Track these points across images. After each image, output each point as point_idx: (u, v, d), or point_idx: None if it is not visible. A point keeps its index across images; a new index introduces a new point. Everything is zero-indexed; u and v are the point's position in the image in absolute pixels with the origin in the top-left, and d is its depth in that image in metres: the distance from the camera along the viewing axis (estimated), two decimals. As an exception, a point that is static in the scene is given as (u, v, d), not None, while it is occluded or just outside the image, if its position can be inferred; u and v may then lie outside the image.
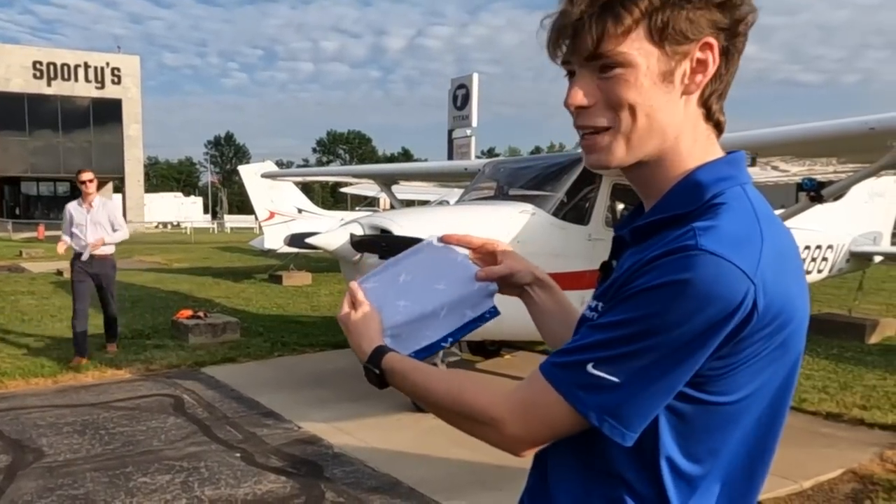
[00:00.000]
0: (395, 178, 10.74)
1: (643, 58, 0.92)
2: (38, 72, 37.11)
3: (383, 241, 5.12)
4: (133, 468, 4.45)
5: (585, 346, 0.93)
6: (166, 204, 50.52)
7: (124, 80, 39.36)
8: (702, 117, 0.99)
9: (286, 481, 4.28)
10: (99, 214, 7.09)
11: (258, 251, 17.06)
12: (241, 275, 15.77)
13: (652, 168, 1.00)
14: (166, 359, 7.26)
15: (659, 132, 0.96)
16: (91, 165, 37.81)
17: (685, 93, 0.95)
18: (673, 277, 0.87)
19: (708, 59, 0.93)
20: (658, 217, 0.99)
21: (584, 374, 0.92)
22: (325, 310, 10.80)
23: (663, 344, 0.88)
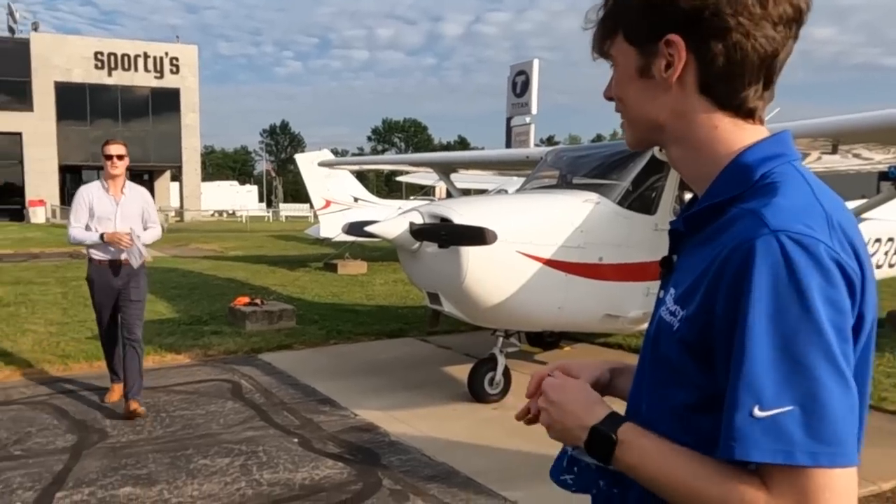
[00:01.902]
0: (454, 166, 10.75)
1: (623, 57, 1.08)
2: (99, 62, 38.44)
3: (443, 230, 5.16)
4: (193, 450, 4.61)
5: (735, 401, 0.89)
6: (222, 192, 51.79)
7: (182, 69, 40.44)
8: (713, 105, 1.02)
9: (343, 467, 4.38)
10: (131, 205, 5.30)
11: (313, 239, 17.37)
12: (296, 263, 16.07)
13: (676, 151, 1.08)
14: (223, 345, 7.48)
15: (647, 119, 1.08)
16: (150, 154, 39.27)
17: (668, 85, 1.03)
18: (759, 273, 0.88)
19: (674, 53, 1.01)
20: (709, 203, 1.01)
21: (758, 425, 0.86)
22: (380, 299, 10.94)
23: (799, 343, 0.86)
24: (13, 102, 36.43)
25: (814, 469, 0.85)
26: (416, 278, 5.83)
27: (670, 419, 1.00)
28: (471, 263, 5.00)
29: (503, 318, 5.49)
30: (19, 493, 3.95)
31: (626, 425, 1.03)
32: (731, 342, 0.90)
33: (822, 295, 0.87)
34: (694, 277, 0.98)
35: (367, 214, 13.42)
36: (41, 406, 5.49)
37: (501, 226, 5.03)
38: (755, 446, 0.86)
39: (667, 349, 1.01)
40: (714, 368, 0.94)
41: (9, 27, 40.93)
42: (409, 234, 5.29)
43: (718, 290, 0.92)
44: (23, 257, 17.05)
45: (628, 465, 1.01)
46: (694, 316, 0.96)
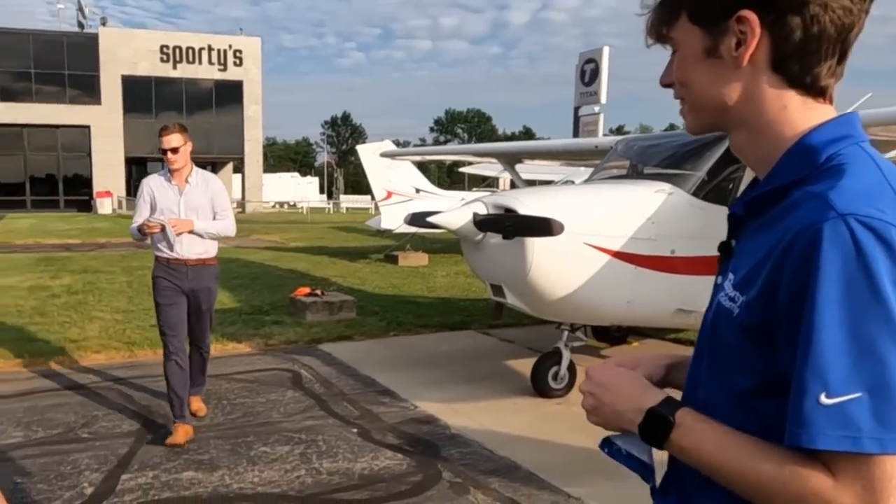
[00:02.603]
0: (519, 156, 10.69)
1: (688, 39, 1.05)
2: (165, 55, 39.69)
3: (507, 221, 5.14)
4: (254, 438, 4.72)
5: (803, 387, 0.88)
6: (283, 184, 52.86)
7: (245, 61, 41.38)
8: (784, 83, 1.00)
9: (403, 459, 4.41)
10: (198, 196, 4.76)
11: (374, 231, 17.57)
12: (357, 254, 16.28)
13: (740, 135, 1.06)
14: (284, 335, 7.64)
15: (715, 101, 1.05)
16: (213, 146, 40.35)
17: (738, 64, 1.01)
18: (827, 259, 0.87)
19: (746, 30, 0.98)
20: (772, 186, 1.01)
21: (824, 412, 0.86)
22: (442, 291, 10.98)
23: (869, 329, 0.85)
24: (82, 96, 38.01)
25: (881, 456, 0.84)
26: (479, 270, 5.83)
27: (730, 405, 1.00)
28: (536, 255, 4.97)
29: (569, 312, 5.43)
30: (86, 474, 4.13)
31: (683, 409, 1.02)
32: (796, 328, 0.89)
33: (892, 280, 0.85)
34: (755, 262, 0.97)
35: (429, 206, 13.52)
36: (107, 391, 5.72)
37: (568, 217, 4.98)
38: (821, 434, 0.86)
39: (727, 335, 1.01)
40: (776, 353, 0.93)
41: (78, 23, 42.77)
42: (472, 224, 5.29)
43: (783, 275, 0.91)
44: (90, 247, 17.79)
45: (684, 448, 1.00)
46: (755, 301, 0.95)
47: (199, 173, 4.87)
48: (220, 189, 4.95)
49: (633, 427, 1.05)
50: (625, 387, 1.09)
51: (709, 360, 1.07)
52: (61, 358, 6.63)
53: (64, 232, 22.67)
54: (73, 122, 37.60)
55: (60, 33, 40.44)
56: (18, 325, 7.91)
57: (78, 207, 37.64)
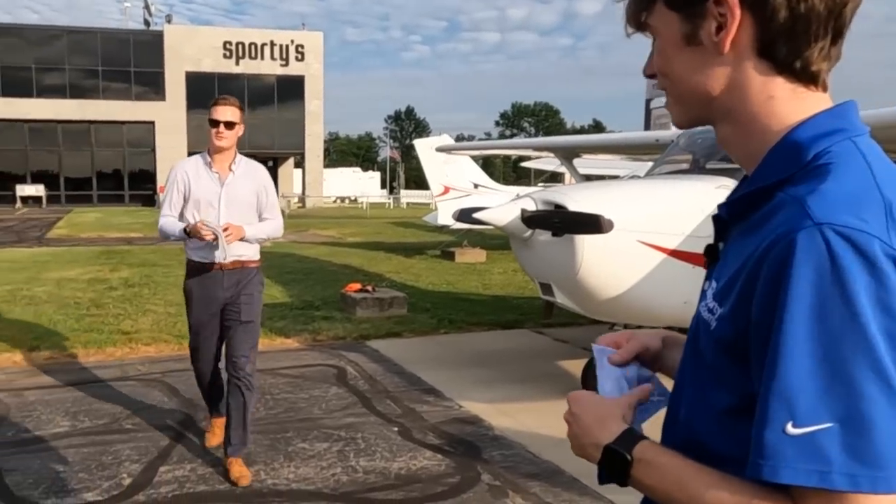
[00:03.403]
0: (576, 150, 10.53)
1: (665, 26, 0.98)
2: (228, 51, 40.74)
3: (556, 217, 5.07)
4: (293, 433, 4.77)
5: (766, 415, 0.82)
6: (344, 179, 53.58)
7: (307, 56, 42.10)
8: (772, 70, 0.93)
9: (442, 459, 4.38)
10: (242, 188, 4.10)
11: (432, 227, 17.62)
12: (413, 250, 16.36)
13: (725, 128, 0.99)
14: (333, 330, 7.71)
15: (699, 92, 0.97)
16: (274, 142, 41.25)
17: (720, 50, 0.93)
18: (798, 272, 0.80)
19: (726, 13, 0.91)
20: (756, 186, 0.94)
21: (791, 443, 0.80)
22: (497, 288, 10.92)
23: (842, 352, 0.79)
24: (148, 93, 39.34)
25: (852, 494, 0.78)
26: (528, 267, 5.78)
27: (708, 423, 0.95)
28: (586, 253, 4.89)
29: (621, 312, 5.32)
30: (126, 464, 4.24)
31: (642, 443, 0.97)
32: (765, 348, 0.83)
33: (871, 298, 0.78)
34: (732, 272, 0.91)
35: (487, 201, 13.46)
36: (154, 383, 5.87)
37: (620, 213, 4.88)
38: (787, 466, 0.80)
39: (704, 348, 0.95)
40: (751, 373, 0.86)
41: (145, 20, 44.31)
42: (520, 221, 5.23)
43: (755, 289, 0.85)
44: (150, 241, 18.40)
45: (645, 485, 0.96)
46: (730, 315, 0.89)
47: (243, 161, 4.18)
48: (268, 182, 4.28)
49: (595, 463, 1.00)
50: (588, 417, 1.04)
51: (690, 375, 1.01)
52: (112, 349, 6.85)
53: (127, 226, 23.50)
54: (139, 119, 38.96)
55: (127, 31, 42.00)
56: (75, 316, 8.22)
57: (142, 202, 39.04)
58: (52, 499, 3.83)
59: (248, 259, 4.17)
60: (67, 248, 16.71)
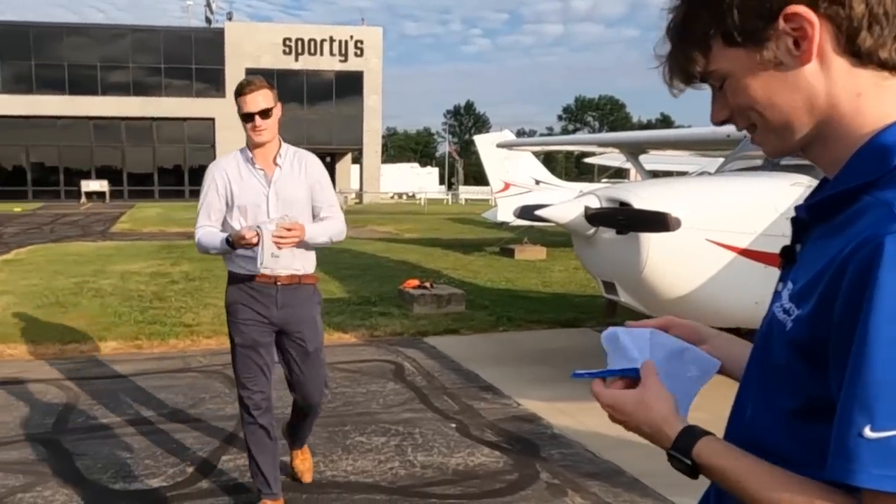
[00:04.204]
0: (642, 146, 10.44)
1: (733, 63, 0.98)
2: (287, 48, 41.56)
3: (621, 215, 5.07)
4: (351, 427, 4.89)
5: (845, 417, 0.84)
6: (402, 174, 54.02)
7: (366, 51, 42.61)
8: (856, 63, 0.93)
9: (500, 456, 4.44)
10: (293, 184, 3.48)
11: (491, 223, 17.65)
12: (471, 247, 16.42)
13: (821, 142, 0.98)
14: (390, 326, 7.84)
15: (798, 111, 0.96)
16: (332, 137, 41.82)
17: (803, 62, 0.93)
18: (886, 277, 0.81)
19: (802, 25, 0.91)
20: (839, 189, 0.94)
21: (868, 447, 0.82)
22: (557, 286, 10.90)
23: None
24: (209, 89, 40.42)
25: None
26: (591, 266, 5.79)
27: (776, 424, 0.98)
28: (651, 251, 4.87)
29: (688, 312, 5.24)
30: (189, 452, 4.43)
31: (700, 444, 1.00)
32: (846, 352, 0.84)
33: None
34: (814, 274, 0.92)
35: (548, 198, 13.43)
36: (215, 375, 6.08)
37: (688, 211, 4.85)
38: (862, 469, 0.81)
39: (777, 350, 0.97)
40: (827, 376, 0.88)
41: (206, 18, 45.53)
42: (583, 218, 5.25)
43: (839, 291, 0.86)
44: (212, 237, 18.91)
45: (712, 481, 1.02)
46: (809, 317, 0.91)
47: (290, 152, 3.55)
48: (322, 174, 3.61)
49: None
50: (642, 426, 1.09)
51: (758, 374, 1.04)
52: (175, 342, 7.12)
53: (187, 221, 24.13)
54: (199, 115, 40.07)
55: (189, 29, 43.28)
56: (139, 308, 8.56)
57: (202, 198, 40.23)
58: (121, 483, 4.04)
59: (305, 273, 3.52)
60: (130, 242, 17.36)
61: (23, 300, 9.09)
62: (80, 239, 18.45)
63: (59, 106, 39.05)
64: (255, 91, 3.37)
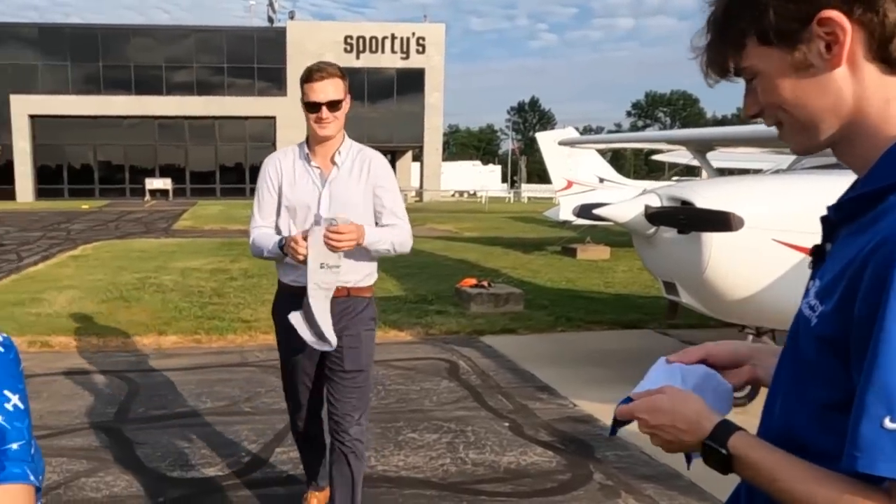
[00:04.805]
0: (709, 143, 10.24)
1: (765, 62, 1.02)
2: (349, 46, 42.21)
3: (682, 214, 5.04)
4: (403, 423, 4.99)
5: (864, 409, 0.88)
6: (463, 172, 54.23)
7: (428, 48, 42.93)
8: (887, 70, 0.96)
9: (553, 456, 4.47)
10: (351, 186, 3.16)
11: (553, 222, 17.59)
12: (532, 246, 16.40)
13: (848, 142, 1.02)
14: (446, 325, 7.93)
15: (825, 113, 1.00)
16: (393, 135, 42.28)
17: (834, 66, 0.97)
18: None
19: (835, 30, 0.95)
20: (867, 189, 0.98)
21: (889, 437, 0.85)
22: (620, 287, 10.82)
23: None
24: (271, 88, 41.39)
25: None
26: (651, 266, 5.77)
27: (806, 417, 1.02)
28: (714, 252, 4.84)
29: (751, 314, 5.21)
30: (244, 444, 4.59)
31: (736, 436, 1.05)
32: (866, 347, 0.88)
33: None
34: (837, 271, 0.96)
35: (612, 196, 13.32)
36: (271, 370, 6.24)
37: (752, 210, 4.81)
38: (883, 459, 0.85)
39: (805, 345, 1.01)
40: (850, 369, 0.93)
41: (268, 17, 46.59)
42: (644, 217, 5.23)
43: (859, 289, 0.91)
44: (272, 235, 19.36)
45: (744, 476, 1.05)
46: (832, 312, 0.95)
47: (354, 150, 3.23)
48: (387, 176, 3.25)
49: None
50: (679, 423, 1.12)
51: (788, 370, 1.08)
52: (233, 336, 7.35)
53: (247, 218, 24.49)
54: (261, 114, 41.05)
55: (251, 29, 44.41)
56: (199, 304, 8.86)
57: (263, 196, 41.17)
58: (178, 471, 4.22)
59: (356, 285, 3.17)
60: (192, 239, 17.89)
61: (88, 294, 9.51)
62: (143, 236, 19.14)
63: (126, 106, 40.55)
64: (325, 79, 3.06)
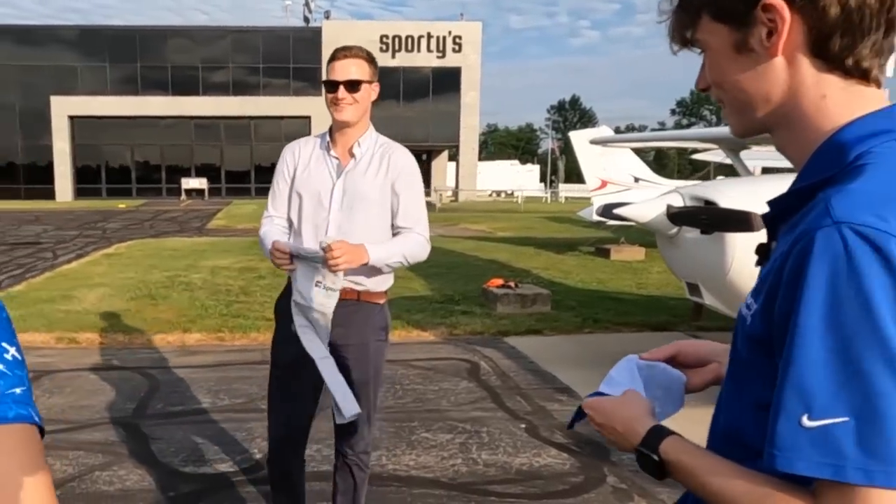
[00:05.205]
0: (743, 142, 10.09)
1: (714, 38, 1.04)
2: (384, 45, 42.43)
3: (704, 214, 5.00)
4: (418, 423, 5.02)
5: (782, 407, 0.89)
6: (501, 172, 54.14)
7: (465, 47, 42.98)
8: (824, 68, 0.97)
9: (567, 458, 4.45)
10: (368, 179, 2.89)
11: (587, 222, 17.49)
12: (565, 246, 16.33)
13: (781, 133, 1.04)
14: (471, 325, 7.93)
15: (756, 98, 1.02)
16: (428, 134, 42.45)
17: (772, 54, 0.98)
18: (816, 270, 0.86)
19: (776, 18, 0.96)
20: (798, 186, 0.99)
21: (806, 435, 0.86)
22: (653, 288, 10.72)
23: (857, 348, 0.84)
24: (306, 88, 41.78)
25: (867, 488, 0.83)
26: (674, 267, 5.74)
27: (745, 417, 1.04)
28: (737, 252, 4.79)
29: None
30: (258, 441, 4.66)
31: (667, 441, 1.06)
32: (783, 343, 0.90)
33: (887, 295, 0.83)
34: (766, 270, 0.98)
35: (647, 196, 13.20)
36: (291, 368, 6.34)
37: None
38: (802, 458, 0.86)
39: (740, 345, 1.03)
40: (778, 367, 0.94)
41: (304, 17, 47.08)
42: (665, 217, 5.20)
43: (780, 286, 0.92)
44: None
45: (678, 480, 1.06)
46: (761, 311, 0.96)
47: (377, 142, 2.96)
48: (409, 171, 2.96)
49: None
50: (617, 424, 1.17)
51: (729, 369, 1.10)
52: (256, 335, 7.43)
53: (282, 219, 25.10)
54: (296, 114, 41.47)
55: (287, 29, 44.89)
56: (225, 302, 8.99)
57: (297, 195, 41.73)
58: (191, 467, 4.30)
59: (368, 289, 2.91)
60: (224, 238, 18.16)
61: (118, 292, 9.72)
62: (176, 234, 19.47)
63: (163, 106, 41.30)
64: (348, 58, 2.86)
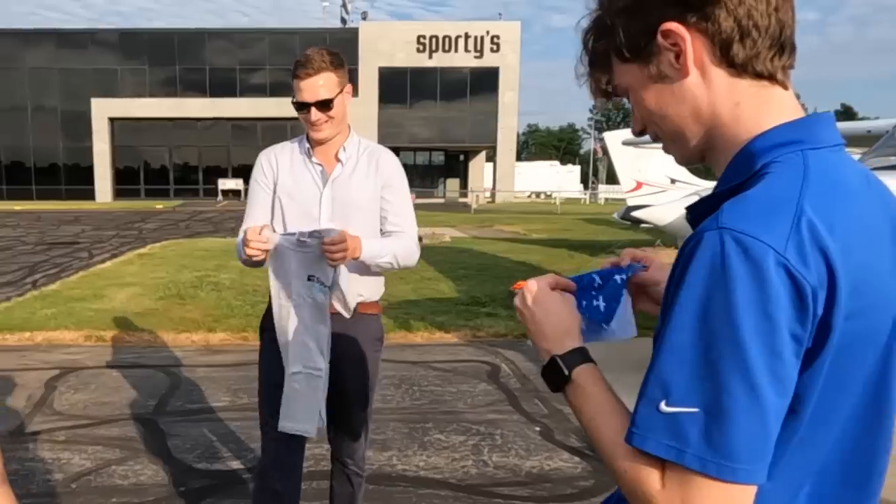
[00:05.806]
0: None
1: (630, 78, 1.09)
2: (421, 45, 42.69)
3: None
4: (432, 425, 5.07)
5: (646, 390, 0.97)
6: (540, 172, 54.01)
7: (503, 47, 43.01)
8: (733, 73, 1.02)
9: (578, 462, 4.47)
10: (355, 186, 2.83)
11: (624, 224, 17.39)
12: (600, 248, 16.23)
13: (712, 156, 1.09)
14: (494, 327, 7.97)
15: (687, 122, 1.07)
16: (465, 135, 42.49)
17: (685, 74, 1.03)
18: (694, 269, 0.92)
19: (677, 41, 1.01)
20: (711, 193, 1.06)
21: (661, 419, 0.94)
22: (684, 292, 10.63)
23: (717, 348, 0.90)
24: (343, 89, 42.27)
25: (700, 476, 0.91)
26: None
27: None
28: None
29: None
30: (271, 440, 4.75)
31: (584, 367, 1.14)
32: None
33: (751, 305, 0.88)
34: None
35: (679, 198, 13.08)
36: (311, 368, 6.44)
37: None
38: (653, 438, 0.94)
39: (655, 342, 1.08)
40: None
41: (342, 18, 47.54)
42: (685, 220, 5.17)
43: (670, 285, 0.99)
44: (337, 235, 19.80)
45: (571, 404, 1.14)
46: (661, 311, 1.03)
47: (359, 145, 2.90)
48: (397, 176, 2.91)
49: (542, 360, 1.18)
50: (546, 323, 1.21)
51: None
52: (279, 335, 7.56)
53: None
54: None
55: (324, 30, 45.36)
56: (251, 302, 9.14)
57: (331, 196, 42.22)
58: (204, 463, 4.42)
59: (364, 300, 2.86)
60: (256, 240, 18.40)
61: (147, 291, 9.95)
62: (210, 235, 19.81)
63: (201, 108, 42.06)
64: (312, 75, 2.69)
